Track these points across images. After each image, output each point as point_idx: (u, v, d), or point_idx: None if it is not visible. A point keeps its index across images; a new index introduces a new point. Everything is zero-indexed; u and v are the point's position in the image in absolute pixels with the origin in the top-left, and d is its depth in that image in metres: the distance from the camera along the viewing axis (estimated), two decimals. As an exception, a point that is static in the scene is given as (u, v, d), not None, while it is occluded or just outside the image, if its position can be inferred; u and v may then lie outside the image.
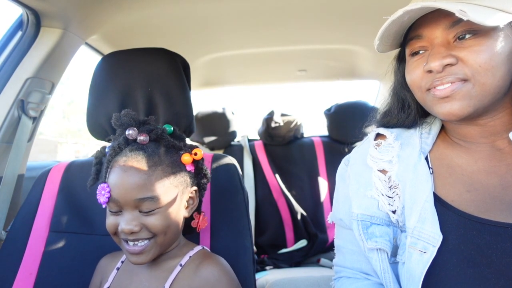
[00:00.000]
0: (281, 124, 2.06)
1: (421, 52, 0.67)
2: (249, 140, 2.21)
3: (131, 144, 0.75)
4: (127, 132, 0.74)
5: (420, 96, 0.68)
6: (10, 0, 1.04)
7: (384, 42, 0.69)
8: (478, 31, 0.60)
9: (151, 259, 0.73)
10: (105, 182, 0.73)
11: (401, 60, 0.76)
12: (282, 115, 2.11)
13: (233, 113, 2.22)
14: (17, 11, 1.16)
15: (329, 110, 2.15)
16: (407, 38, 0.69)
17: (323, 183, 2.02)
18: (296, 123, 2.10)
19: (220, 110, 2.17)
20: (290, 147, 2.12)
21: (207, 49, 1.80)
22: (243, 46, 1.77)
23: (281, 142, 2.10)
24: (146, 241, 0.71)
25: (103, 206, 0.73)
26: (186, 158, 0.77)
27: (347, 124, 2.00)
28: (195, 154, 0.79)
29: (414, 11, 0.60)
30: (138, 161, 0.71)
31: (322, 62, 2.09)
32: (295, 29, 1.57)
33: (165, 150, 0.76)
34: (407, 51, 0.70)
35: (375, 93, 2.47)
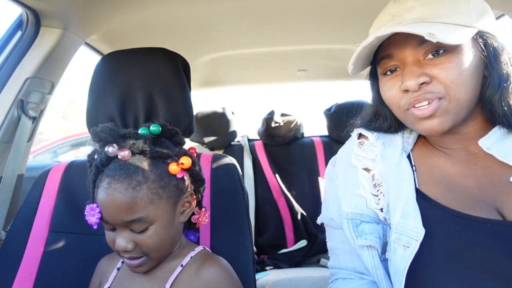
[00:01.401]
0: (281, 124, 2.06)
1: (393, 70, 0.68)
2: (249, 140, 2.21)
3: (113, 161, 0.70)
4: (106, 149, 0.69)
5: (399, 114, 0.70)
6: (10, 0, 1.04)
7: (356, 65, 0.71)
8: (446, 48, 0.62)
9: (149, 269, 0.73)
10: (93, 202, 0.70)
11: (373, 77, 0.78)
12: (282, 115, 2.11)
13: (233, 113, 2.22)
14: (17, 11, 1.16)
15: (329, 110, 2.14)
16: (378, 57, 0.70)
17: (323, 183, 2.02)
18: (296, 123, 2.09)
19: (220, 110, 2.17)
20: (290, 147, 2.12)
21: (207, 49, 1.80)
22: (243, 46, 1.77)
23: (281, 142, 2.10)
24: (141, 258, 0.71)
25: (95, 227, 0.70)
26: (173, 168, 0.72)
27: (347, 124, 1.99)
28: (182, 163, 0.74)
29: (384, 37, 0.63)
30: (120, 183, 0.67)
31: (322, 62, 2.09)
32: (295, 29, 1.57)
33: (151, 162, 0.71)
34: (379, 71, 0.71)
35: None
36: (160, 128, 0.77)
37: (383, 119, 0.78)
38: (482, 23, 0.63)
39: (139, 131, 0.75)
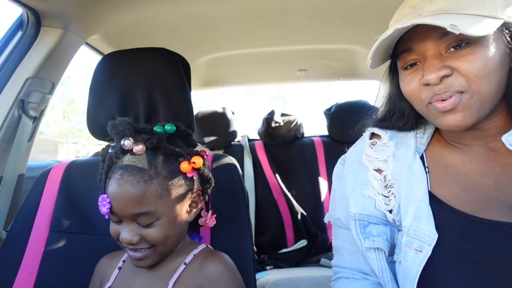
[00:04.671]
0: (281, 124, 2.06)
1: (413, 64, 0.66)
2: (249, 140, 2.21)
3: (127, 153, 0.72)
4: (122, 142, 0.71)
5: (421, 108, 0.68)
6: (10, 0, 1.04)
7: (376, 58, 0.69)
8: (469, 40, 0.60)
9: (152, 263, 0.74)
10: (104, 193, 0.71)
11: (393, 71, 0.76)
12: (282, 115, 2.11)
13: (233, 113, 2.22)
14: (17, 11, 1.16)
15: (329, 110, 2.14)
16: (398, 51, 0.69)
17: (323, 183, 2.02)
18: (296, 123, 2.09)
19: (220, 110, 2.17)
20: (290, 147, 2.12)
21: (207, 49, 1.80)
22: (243, 46, 1.77)
23: (281, 142, 2.10)
24: (146, 250, 0.71)
25: (106, 217, 0.72)
26: (184, 166, 0.74)
27: (347, 124, 1.99)
28: (194, 163, 0.75)
29: (405, 29, 0.61)
30: (133, 175, 0.68)
31: (322, 62, 2.09)
32: (295, 29, 1.57)
33: (163, 159, 0.73)
34: (399, 64, 0.70)
35: (375, 93, 2.47)
36: (175, 128, 0.79)
37: (400, 116, 0.76)
38: (509, 14, 0.60)
39: (154, 129, 0.77)
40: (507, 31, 0.61)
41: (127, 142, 0.71)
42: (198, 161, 0.75)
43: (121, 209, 0.69)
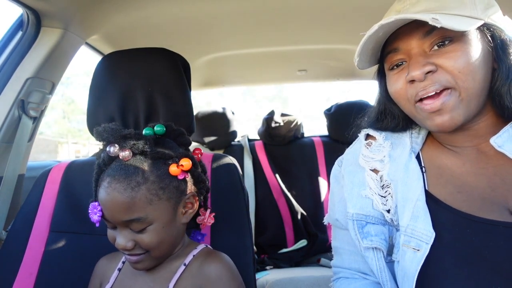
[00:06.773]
0: (281, 124, 2.06)
1: (399, 64, 0.68)
2: (249, 140, 2.21)
3: (115, 160, 0.71)
4: (107, 149, 0.70)
5: (408, 108, 0.69)
6: (10, 0, 1.04)
7: (363, 58, 0.71)
8: (451, 38, 0.62)
9: (149, 267, 0.74)
10: (95, 201, 0.71)
11: (381, 75, 0.77)
12: (282, 115, 2.11)
13: (233, 113, 2.22)
14: (18, 11, 1.16)
15: (329, 110, 2.15)
16: (384, 53, 0.70)
17: (323, 183, 2.03)
18: (296, 123, 2.10)
19: (220, 110, 2.18)
20: (290, 147, 2.12)
21: (207, 49, 1.80)
22: (243, 46, 1.77)
23: (281, 142, 2.10)
24: (141, 254, 0.71)
25: (97, 225, 0.71)
26: (173, 169, 0.72)
27: (347, 124, 1.99)
28: (182, 165, 0.73)
29: (388, 25, 0.62)
30: (120, 183, 0.67)
31: (322, 62, 2.09)
32: (295, 29, 1.57)
33: (152, 163, 0.71)
34: (386, 66, 0.71)
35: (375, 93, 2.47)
36: (165, 129, 0.78)
37: (391, 118, 0.77)
38: (488, 15, 0.63)
39: (144, 131, 0.75)
40: (487, 31, 0.63)
41: (112, 149, 0.70)
42: (186, 163, 0.73)
43: (111, 217, 0.69)
